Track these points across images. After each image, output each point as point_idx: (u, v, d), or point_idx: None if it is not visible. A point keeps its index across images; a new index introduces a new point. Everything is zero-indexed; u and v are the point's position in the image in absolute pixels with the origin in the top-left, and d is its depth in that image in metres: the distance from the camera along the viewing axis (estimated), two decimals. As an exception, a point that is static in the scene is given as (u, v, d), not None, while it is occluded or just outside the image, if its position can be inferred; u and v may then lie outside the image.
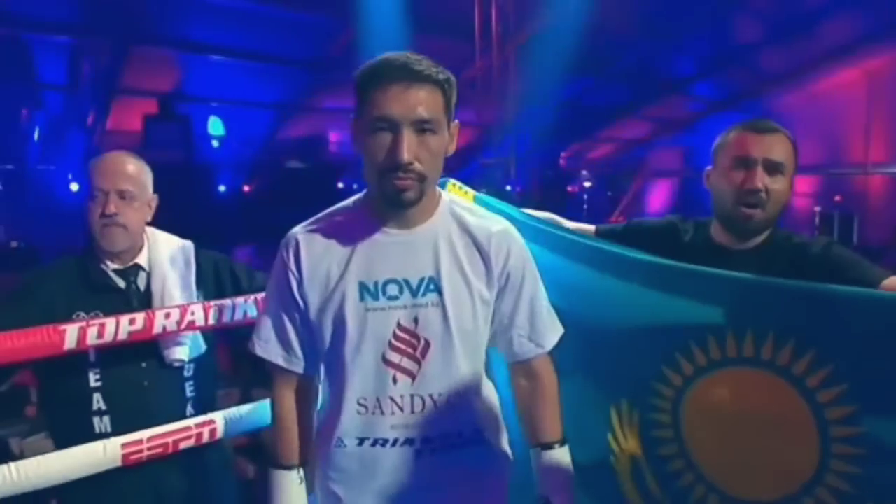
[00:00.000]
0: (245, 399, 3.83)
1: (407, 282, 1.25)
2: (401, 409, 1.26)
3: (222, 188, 10.34)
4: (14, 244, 8.71)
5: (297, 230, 1.31)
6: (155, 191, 1.78)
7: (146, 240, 1.79)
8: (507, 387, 1.46)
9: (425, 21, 7.65)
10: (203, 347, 1.80)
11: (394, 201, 1.22)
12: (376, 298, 1.24)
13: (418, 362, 1.26)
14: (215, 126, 9.65)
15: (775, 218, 1.52)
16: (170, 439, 1.59)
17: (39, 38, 7.19)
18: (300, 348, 1.30)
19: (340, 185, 12.27)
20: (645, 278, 1.46)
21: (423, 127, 1.18)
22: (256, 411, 1.76)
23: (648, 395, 1.45)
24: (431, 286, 1.25)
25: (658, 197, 14.17)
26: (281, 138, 10.51)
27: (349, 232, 1.27)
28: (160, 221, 1.83)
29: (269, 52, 8.30)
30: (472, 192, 1.77)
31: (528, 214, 1.70)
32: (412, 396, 1.26)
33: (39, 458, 1.43)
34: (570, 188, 13.30)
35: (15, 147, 8.30)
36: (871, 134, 10.72)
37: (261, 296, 1.69)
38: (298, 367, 1.31)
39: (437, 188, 1.34)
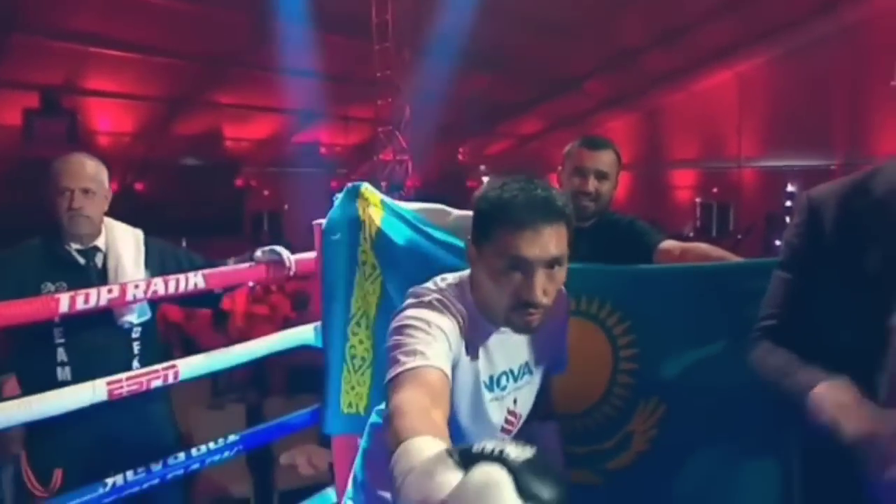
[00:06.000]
0: (253, 416, 3.72)
1: (512, 371, 1.37)
2: None
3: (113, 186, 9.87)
4: None
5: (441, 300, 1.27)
6: (42, 189, 2.09)
7: (103, 226, 2.15)
8: None
9: (325, 18, 7.65)
10: (149, 314, 2.16)
11: (520, 331, 1.29)
12: (491, 390, 1.33)
13: (510, 433, 1.39)
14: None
15: (605, 209, 2.07)
16: (144, 378, 1.89)
17: None
18: None
19: (239, 182, 12.02)
20: None
21: (552, 263, 1.21)
22: (213, 359, 2.09)
23: None
24: (526, 370, 1.40)
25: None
26: (175, 134, 10.16)
27: (473, 329, 1.29)
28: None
29: (160, 46, 8.02)
30: (379, 195, 2.05)
31: (416, 213, 2.05)
32: None
33: (42, 394, 1.72)
34: (469, 183, 13.59)
35: None
36: (743, 131, 11.63)
37: (204, 271, 2.02)
38: None
39: None
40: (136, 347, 2.13)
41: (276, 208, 12.35)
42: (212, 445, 2.06)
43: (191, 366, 2.00)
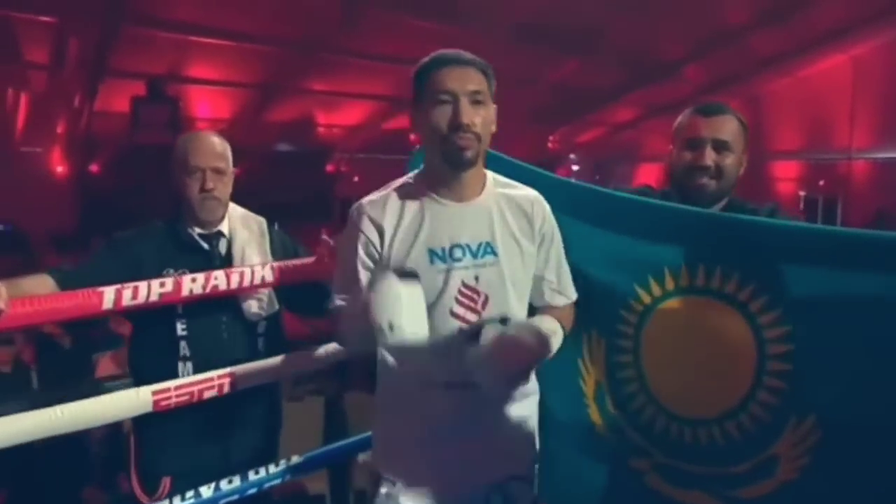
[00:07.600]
0: (332, 409, 3.68)
1: (469, 246, 1.46)
2: None
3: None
4: (0, 228, 8.60)
5: (364, 202, 1.53)
6: (145, 173, 1.98)
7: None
8: None
9: (415, 3, 7.62)
10: (276, 307, 1.98)
11: (456, 160, 1.43)
12: (444, 261, 1.45)
13: (478, 313, 1.45)
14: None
15: (729, 189, 1.69)
16: (195, 388, 1.74)
17: (24, 17, 7.10)
18: None
19: (329, 168, 12.27)
20: (614, 221, 1.62)
21: (475, 98, 1.42)
22: (270, 366, 1.93)
23: (614, 323, 1.61)
24: (489, 249, 1.47)
25: (646, 181, 14.22)
26: (268, 120, 10.44)
27: (413, 203, 1.48)
28: (158, 203, 1.94)
29: (255, 33, 8.23)
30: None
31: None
32: None
33: (81, 402, 1.59)
34: (557, 172, 13.31)
35: None
36: (856, 120, 10.82)
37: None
38: None
39: (483, 170, 1.53)
40: (260, 343, 1.95)
41: (366, 194, 12.47)
42: (296, 459, 1.96)
43: (249, 374, 1.83)
